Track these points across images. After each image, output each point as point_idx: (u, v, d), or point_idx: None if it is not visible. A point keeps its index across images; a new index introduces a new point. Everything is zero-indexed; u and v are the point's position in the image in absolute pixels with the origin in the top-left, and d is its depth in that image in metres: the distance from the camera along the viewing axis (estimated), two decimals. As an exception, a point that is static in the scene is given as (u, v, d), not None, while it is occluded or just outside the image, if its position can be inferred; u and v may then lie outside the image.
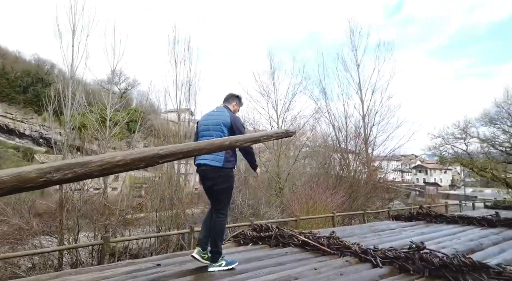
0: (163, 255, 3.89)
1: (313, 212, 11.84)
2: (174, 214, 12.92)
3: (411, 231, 5.85)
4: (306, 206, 11.66)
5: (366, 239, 4.94)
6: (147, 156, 1.42)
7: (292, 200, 13.08)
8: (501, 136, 29.08)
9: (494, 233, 5.61)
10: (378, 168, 32.99)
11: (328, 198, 12.57)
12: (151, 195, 12.15)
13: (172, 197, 11.82)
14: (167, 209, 11.71)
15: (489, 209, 10.44)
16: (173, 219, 12.42)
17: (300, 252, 4.00)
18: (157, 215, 11.34)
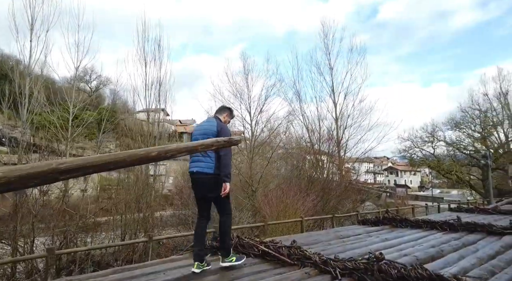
0: (110, 270, 3.59)
1: (284, 215, 11.75)
2: (142, 218, 12.44)
3: (376, 236, 5.82)
4: (277, 209, 11.54)
5: (330, 247, 4.83)
6: (42, 172, 1.17)
7: (264, 203, 12.92)
8: (465, 140, 30.45)
9: (455, 238, 5.68)
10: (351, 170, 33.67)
11: (299, 201, 12.53)
12: (117, 197, 11.62)
13: (138, 200, 11.34)
14: (133, 213, 11.24)
15: (453, 212, 10.74)
16: (140, 223, 11.95)
17: (259, 263, 3.82)
18: (122, 219, 10.84)
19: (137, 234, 11.47)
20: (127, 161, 1.39)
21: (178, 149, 1.60)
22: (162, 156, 1.54)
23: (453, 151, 30.21)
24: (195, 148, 1.70)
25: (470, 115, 29.78)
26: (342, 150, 24.31)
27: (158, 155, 1.51)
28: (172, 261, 3.89)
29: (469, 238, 5.63)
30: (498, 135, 30.05)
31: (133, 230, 11.60)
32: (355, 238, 5.72)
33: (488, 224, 6.30)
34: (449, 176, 29.36)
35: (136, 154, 1.41)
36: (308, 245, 4.99)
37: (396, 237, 5.81)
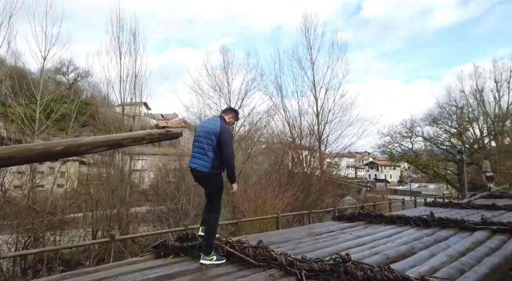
0: (58, 275, 3.28)
1: (262, 211, 11.59)
2: (115, 214, 12.02)
3: (349, 233, 5.71)
4: (255, 205, 11.37)
5: (301, 245, 4.67)
6: None
7: (242, 199, 12.72)
8: (443, 136, 31.15)
9: (427, 234, 5.64)
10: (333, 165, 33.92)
11: (278, 197, 12.40)
12: (88, 193, 11.13)
13: (110, 196, 10.89)
14: (105, 209, 10.79)
15: (428, 206, 10.86)
16: (113, 220, 11.52)
17: (225, 265, 3.60)
18: (93, 216, 10.39)
19: (110, 231, 11.04)
20: (18, 158, 1.12)
21: (94, 143, 1.33)
22: (71, 152, 1.27)
23: (430, 146, 30.86)
24: (119, 142, 1.45)
25: (447, 111, 30.47)
26: (323, 145, 24.41)
27: (65, 150, 1.24)
28: (129, 264, 3.62)
29: (441, 234, 5.60)
30: (473, 131, 30.92)
31: (105, 227, 11.16)
32: (328, 235, 5.59)
33: (461, 219, 6.31)
34: (426, 171, 30.02)
35: (30, 150, 1.13)
36: (279, 243, 4.81)
37: (370, 233, 5.72)
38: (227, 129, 3.78)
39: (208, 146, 3.67)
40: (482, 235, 5.48)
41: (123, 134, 1.45)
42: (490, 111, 30.57)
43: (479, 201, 12.58)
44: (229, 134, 3.77)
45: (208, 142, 3.66)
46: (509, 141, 29.29)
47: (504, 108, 30.45)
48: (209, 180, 3.72)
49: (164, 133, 1.71)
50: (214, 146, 3.66)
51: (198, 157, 3.71)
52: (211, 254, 3.62)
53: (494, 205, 9.93)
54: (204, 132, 3.72)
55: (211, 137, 3.67)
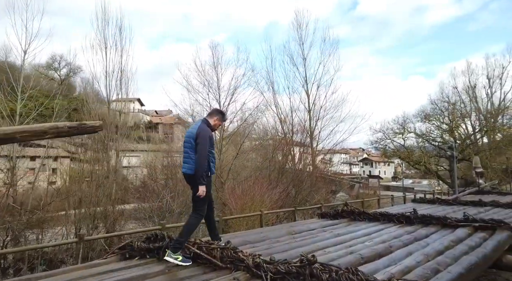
0: (17, 278, 3.10)
1: (250, 208, 11.44)
2: (101, 212, 11.82)
3: (330, 231, 5.59)
4: (242, 202, 11.23)
5: (276, 244, 4.53)
6: None
7: (230, 196, 12.58)
8: (435, 132, 31.23)
9: (408, 232, 5.54)
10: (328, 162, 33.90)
11: (266, 194, 12.27)
12: (71, 190, 10.90)
13: (92, 194, 10.67)
14: (89, 207, 10.58)
15: (415, 203, 10.81)
16: (98, 218, 11.32)
17: (189, 267, 3.45)
18: (75, 213, 10.18)
19: (93, 230, 10.87)
20: None
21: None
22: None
23: (422, 142, 30.95)
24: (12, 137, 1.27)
25: (440, 108, 30.54)
26: (315, 141, 24.33)
27: None
28: (91, 267, 3.46)
29: (423, 232, 5.51)
30: (466, 127, 31.04)
31: (90, 225, 10.96)
32: (307, 233, 5.46)
33: (443, 216, 6.22)
34: (418, 167, 30.13)
35: None
36: (254, 243, 4.68)
37: (350, 231, 5.61)
38: (203, 130, 3.85)
39: (191, 150, 3.83)
40: (463, 233, 5.40)
41: (17, 127, 1.28)
42: (482, 108, 30.71)
43: (467, 197, 12.58)
44: (204, 135, 3.82)
45: (189, 145, 3.84)
46: (500, 137, 29.46)
47: (496, 105, 30.62)
48: (193, 182, 3.80)
49: (76, 126, 1.54)
50: (194, 148, 3.81)
51: (185, 161, 3.89)
52: (177, 253, 3.53)
53: (480, 201, 9.90)
54: (187, 137, 3.91)
55: (191, 140, 3.83)
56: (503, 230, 5.61)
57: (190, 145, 3.84)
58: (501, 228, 5.65)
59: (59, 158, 19.84)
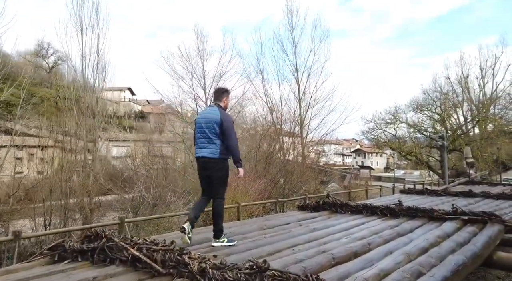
0: None
1: (231, 200, 10.87)
2: (75, 204, 11.19)
3: (306, 226, 5.07)
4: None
5: (241, 242, 3.99)
6: None
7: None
8: (426, 122, 30.91)
9: (391, 226, 5.05)
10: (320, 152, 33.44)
11: (250, 184, 11.74)
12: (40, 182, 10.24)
13: (62, 184, 10.01)
14: (59, 198, 9.94)
15: (403, 194, 10.39)
16: (70, 209, 10.68)
17: (125, 273, 2.88)
18: (44, 205, 9.53)
19: (67, 223, 10.25)
20: None
21: None
22: None
23: (414, 132, 30.62)
24: None
25: (432, 98, 30.13)
26: (305, 130, 23.83)
27: None
28: (8, 273, 2.87)
29: (407, 226, 5.02)
30: (458, 117, 30.72)
31: (61, 217, 10.33)
32: (280, 228, 4.94)
33: (430, 209, 5.75)
34: (409, 157, 29.88)
35: None
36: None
37: (328, 226, 5.10)
38: (227, 116, 3.99)
39: (213, 135, 3.88)
40: (451, 227, 4.92)
41: None
42: (474, 98, 30.39)
43: (457, 188, 12.23)
44: (230, 121, 3.99)
45: (212, 131, 3.86)
46: (491, 128, 29.23)
47: (488, 95, 30.29)
48: (217, 166, 3.89)
49: None
50: (218, 134, 3.88)
51: (204, 146, 3.91)
52: (221, 237, 3.87)
53: (470, 192, 9.50)
54: (206, 123, 3.90)
55: (213, 126, 3.86)
56: (494, 223, 5.15)
57: (213, 130, 3.87)
58: (492, 222, 5.19)
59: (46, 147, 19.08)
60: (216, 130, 3.86)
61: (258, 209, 11.32)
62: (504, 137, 27.06)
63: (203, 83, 16.59)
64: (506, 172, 34.26)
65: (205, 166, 3.96)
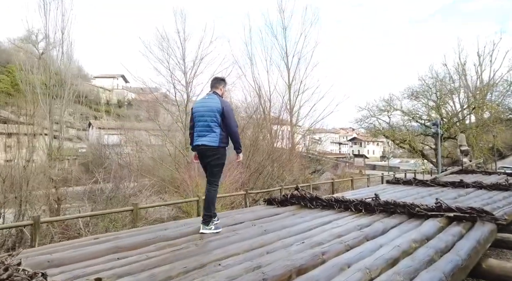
0: None
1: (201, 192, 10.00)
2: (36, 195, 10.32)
3: (259, 226, 4.22)
4: (192, 183, 9.83)
5: (165, 251, 3.14)
6: None
7: (187, 176, 11.15)
8: (421, 109, 30.02)
9: (362, 225, 4.21)
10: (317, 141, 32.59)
11: (225, 173, 10.86)
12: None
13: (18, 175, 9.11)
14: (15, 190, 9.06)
15: (389, 184, 9.58)
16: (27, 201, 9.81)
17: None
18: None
19: (21, 213, 9.39)
20: None
21: None
22: None
23: (409, 120, 29.75)
24: None
25: (427, 84, 29.15)
26: (294, 117, 22.91)
27: None
28: None
29: (380, 226, 4.17)
30: (454, 104, 29.82)
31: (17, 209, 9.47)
32: (227, 230, 4.06)
33: (411, 204, 4.90)
34: (402, 145, 29.10)
35: None
36: (138, 247, 3.28)
37: (287, 226, 4.25)
38: (227, 105, 4.01)
39: (214, 123, 3.87)
40: (433, 227, 4.09)
41: None
42: (471, 85, 29.45)
43: (449, 178, 11.45)
44: (230, 109, 4.03)
45: (213, 119, 3.86)
46: (488, 115, 28.39)
47: (485, 82, 29.33)
48: (216, 154, 3.91)
49: None
50: (219, 122, 3.88)
51: (204, 134, 3.91)
52: (209, 224, 3.92)
53: (462, 182, 8.69)
54: (206, 111, 3.91)
55: (215, 114, 3.86)
56: (485, 222, 4.33)
57: (214, 119, 3.87)
58: (482, 220, 4.37)
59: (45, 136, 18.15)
60: (218, 118, 3.87)
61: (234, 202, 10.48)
62: (501, 124, 26.28)
63: (182, 66, 15.50)
64: (502, 160, 33.66)
65: (204, 154, 3.97)
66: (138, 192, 9.35)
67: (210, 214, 3.93)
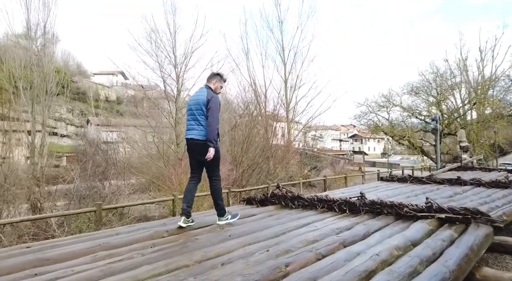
0: None
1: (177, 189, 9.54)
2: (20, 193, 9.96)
3: (226, 230, 3.77)
4: (178, 180, 9.39)
5: (105, 261, 2.69)
6: None
7: (172, 174, 10.71)
8: (421, 105, 29.47)
9: (341, 229, 3.75)
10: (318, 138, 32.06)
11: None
12: None
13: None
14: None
15: (383, 181, 9.12)
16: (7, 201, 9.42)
17: None
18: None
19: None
20: None
21: None
22: None
23: (408, 117, 29.19)
24: None
25: (427, 79, 28.55)
26: (291, 113, 22.42)
27: None
28: None
29: (362, 229, 3.72)
30: (455, 99, 29.22)
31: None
32: (189, 234, 3.63)
33: (399, 203, 4.44)
34: (401, 142, 28.56)
35: None
36: (74, 257, 2.83)
37: (258, 229, 3.80)
38: (214, 97, 3.92)
39: (201, 116, 3.86)
40: (421, 230, 3.63)
41: None
42: (472, 81, 28.84)
43: (447, 175, 10.97)
44: (215, 102, 3.91)
45: (199, 112, 3.86)
46: (489, 111, 27.79)
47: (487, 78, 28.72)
48: (204, 148, 3.82)
49: None
50: (206, 115, 3.85)
51: (193, 128, 3.91)
52: (225, 215, 4.06)
53: (459, 179, 8.21)
54: (194, 104, 3.92)
55: (201, 107, 3.86)
56: (479, 224, 3.87)
57: (200, 112, 3.86)
58: (476, 222, 3.91)
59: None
60: (204, 111, 3.85)
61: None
62: (502, 120, 25.69)
63: (173, 59, 14.98)
64: (503, 156, 33.07)
65: (194, 148, 3.95)
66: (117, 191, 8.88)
67: (222, 207, 4.04)
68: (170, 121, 14.87)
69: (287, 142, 20.65)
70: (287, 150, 18.80)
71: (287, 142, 20.55)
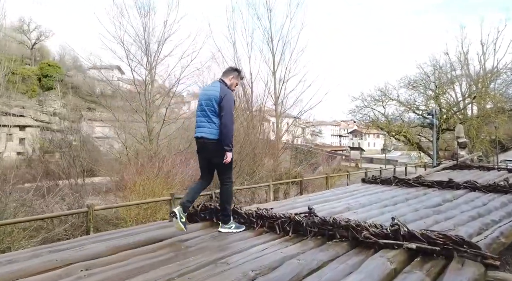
0: None
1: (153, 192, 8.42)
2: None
3: (89, 274, 2.60)
4: (132, 181, 8.25)
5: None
6: None
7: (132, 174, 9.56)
8: (419, 99, 28.25)
9: (271, 266, 2.57)
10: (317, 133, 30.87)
11: (176, 169, 9.29)
12: None
13: None
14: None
15: (365, 183, 7.95)
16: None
17: None
18: None
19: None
20: None
21: None
22: None
23: (405, 111, 27.96)
24: None
25: (425, 72, 27.25)
26: (279, 106, 21.21)
27: None
28: None
29: (295, 267, 2.53)
30: (455, 94, 27.95)
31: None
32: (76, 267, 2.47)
33: (357, 225, 3.23)
34: (398, 137, 27.37)
35: None
36: None
37: (160, 264, 2.63)
38: (228, 93, 3.68)
39: (212, 114, 3.63)
40: (380, 269, 2.46)
41: None
42: (474, 75, 27.56)
43: (440, 174, 9.82)
44: (229, 99, 3.67)
45: (210, 109, 3.64)
46: (490, 106, 26.56)
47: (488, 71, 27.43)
48: (216, 148, 3.59)
49: None
50: (218, 112, 3.62)
51: (203, 125, 3.67)
52: (229, 223, 3.74)
53: (451, 182, 7.03)
54: (205, 99, 3.68)
55: (212, 103, 3.63)
56: (465, 260, 2.68)
57: (212, 108, 3.63)
58: (461, 255, 2.72)
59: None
60: (215, 108, 3.61)
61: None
62: (503, 115, 24.46)
63: (143, 46, 13.71)
64: (504, 153, 31.86)
65: (205, 148, 3.71)
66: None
67: (228, 214, 3.75)
68: (141, 115, 13.69)
69: (276, 137, 19.52)
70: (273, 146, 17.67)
71: (276, 137, 19.42)
